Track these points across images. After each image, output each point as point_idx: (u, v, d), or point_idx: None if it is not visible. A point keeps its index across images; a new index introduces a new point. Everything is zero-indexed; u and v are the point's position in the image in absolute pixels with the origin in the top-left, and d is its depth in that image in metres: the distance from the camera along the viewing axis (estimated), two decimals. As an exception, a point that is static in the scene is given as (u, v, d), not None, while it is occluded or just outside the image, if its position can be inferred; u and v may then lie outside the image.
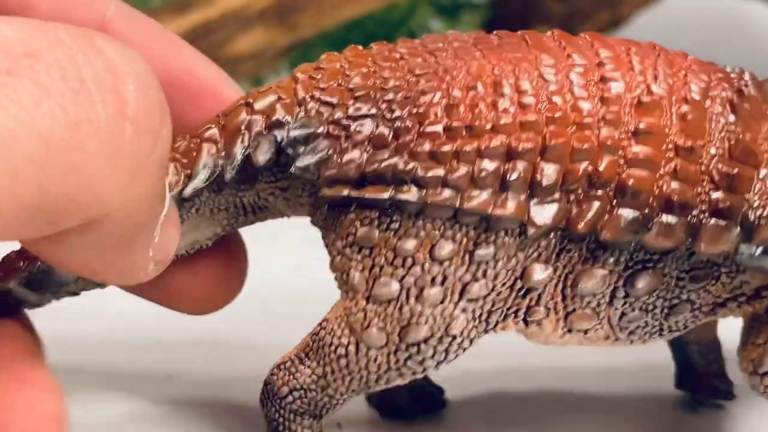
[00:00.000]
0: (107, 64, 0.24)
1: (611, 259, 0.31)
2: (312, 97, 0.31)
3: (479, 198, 0.30)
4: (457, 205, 0.30)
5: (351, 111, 0.31)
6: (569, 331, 0.32)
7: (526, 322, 0.32)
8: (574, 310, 0.32)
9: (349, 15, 0.69)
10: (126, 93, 0.24)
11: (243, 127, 0.31)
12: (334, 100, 0.31)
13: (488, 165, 0.30)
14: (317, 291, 0.36)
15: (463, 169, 0.30)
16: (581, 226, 0.30)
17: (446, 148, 0.30)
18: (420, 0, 0.82)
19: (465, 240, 0.31)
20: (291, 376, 0.32)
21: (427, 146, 0.30)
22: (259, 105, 0.31)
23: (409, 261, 0.31)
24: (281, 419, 0.32)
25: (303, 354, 0.32)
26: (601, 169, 0.30)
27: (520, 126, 0.30)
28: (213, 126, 0.32)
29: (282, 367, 0.32)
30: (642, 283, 0.31)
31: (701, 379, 0.38)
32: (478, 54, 0.32)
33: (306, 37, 0.67)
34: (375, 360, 0.31)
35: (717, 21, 0.83)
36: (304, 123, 0.31)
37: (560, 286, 0.31)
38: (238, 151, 0.31)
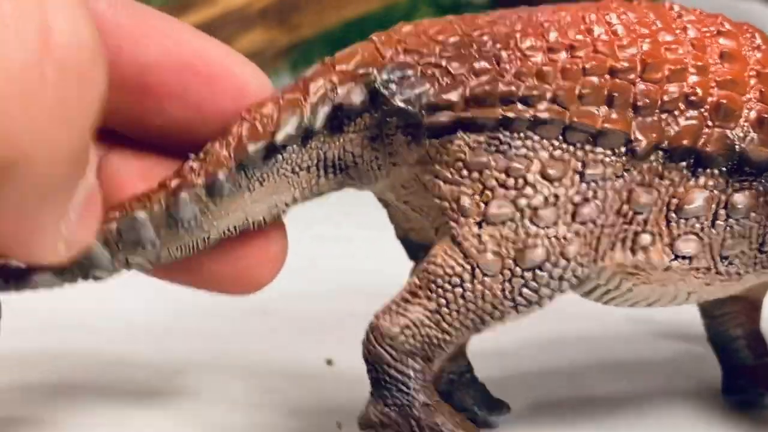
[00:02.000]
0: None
1: (711, 180, 0.31)
2: (397, 50, 0.31)
3: (587, 113, 0.31)
4: (567, 120, 0.31)
5: (443, 53, 0.31)
6: (675, 258, 0.32)
7: (633, 250, 0.31)
8: (679, 235, 0.32)
9: (349, 15, 0.69)
10: (53, 31, 0.22)
11: (328, 80, 0.31)
12: (423, 49, 0.31)
13: (594, 80, 0.31)
14: (317, 291, 0.36)
15: (569, 86, 0.31)
16: (686, 141, 0.31)
17: (550, 67, 0.31)
18: (420, 0, 0.82)
19: (573, 160, 0.31)
20: (400, 315, 0.31)
21: (531, 66, 0.31)
22: (342, 62, 0.31)
23: (521, 181, 0.30)
24: (392, 360, 0.30)
25: (409, 294, 0.31)
26: (696, 89, 0.31)
27: (618, 48, 0.31)
28: (294, 89, 0.31)
29: (387, 310, 0.31)
30: (741, 202, 0.32)
31: (753, 374, 0.37)
32: (549, 9, 0.33)
33: (306, 37, 0.67)
34: (490, 288, 0.30)
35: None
36: (396, 66, 0.31)
37: (664, 210, 0.31)
38: (327, 99, 0.31)
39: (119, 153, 0.32)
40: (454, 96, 0.31)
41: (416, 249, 0.35)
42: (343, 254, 0.49)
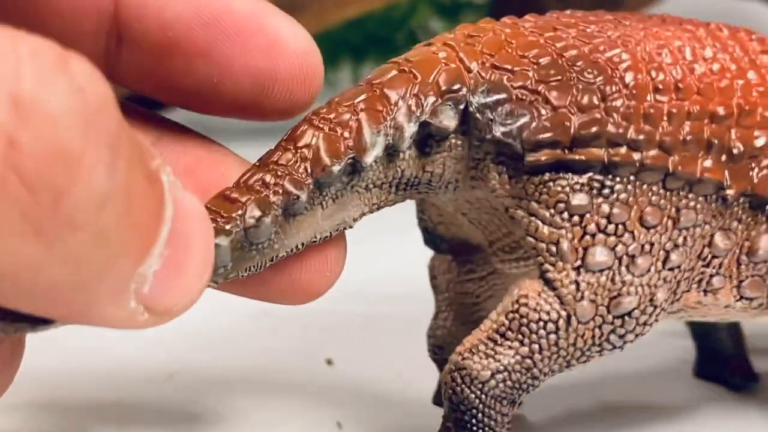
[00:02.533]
0: (13, 85, 0.19)
1: None
2: (484, 64, 0.30)
3: (689, 160, 0.30)
4: (671, 167, 0.30)
5: (539, 77, 0.30)
6: (740, 299, 0.32)
7: (705, 291, 0.32)
8: (747, 277, 0.32)
9: (349, 15, 0.69)
10: (20, 135, 0.19)
11: (411, 93, 0.29)
12: (514, 68, 0.30)
13: (697, 126, 0.31)
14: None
15: (674, 131, 0.30)
16: (746, 189, 0.31)
17: (657, 109, 0.30)
18: (420, 0, 0.82)
19: (670, 206, 0.30)
20: (491, 359, 0.30)
21: (639, 107, 0.30)
22: (422, 70, 0.30)
23: (621, 228, 0.30)
24: (481, 406, 0.30)
25: (498, 335, 0.30)
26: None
27: (719, 91, 0.31)
28: (366, 92, 0.30)
29: (475, 350, 0.30)
30: None
31: (728, 364, 0.39)
32: (638, 24, 0.32)
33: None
34: (582, 335, 0.30)
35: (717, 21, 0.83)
36: (491, 89, 0.30)
37: (736, 253, 0.32)
38: (414, 116, 0.29)
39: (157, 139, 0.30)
40: (560, 135, 0.29)
41: (439, 240, 0.34)
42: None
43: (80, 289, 0.22)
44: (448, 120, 0.29)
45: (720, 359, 0.39)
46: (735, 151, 0.31)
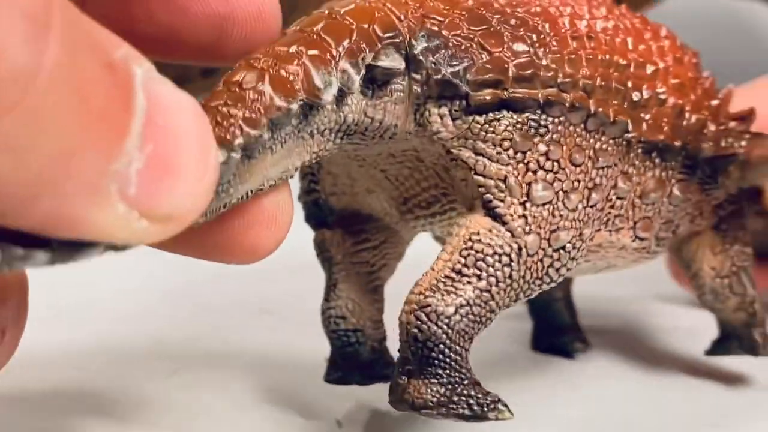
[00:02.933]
0: None
1: (665, 171, 0.34)
2: (413, 14, 0.31)
3: (604, 102, 0.32)
4: (592, 108, 0.32)
5: (467, 25, 0.31)
6: (635, 239, 0.34)
7: (610, 231, 0.34)
8: (640, 218, 0.34)
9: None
10: None
11: (353, 39, 0.30)
12: (441, 18, 0.31)
13: (608, 72, 0.33)
14: (317, 291, 0.36)
15: (591, 75, 0.32)
16: (661, 136, 0.34)
17: (578, 55, 0.32)
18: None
19: (590, 147, 0.32)
20: (453, 295, 0.30)
21: (564, 53, 0.32)
22: (356, 19, 0.30)
23: (556, 165, 0.31)
24: (449, 341, 0.30)
25: (454, 273, 0.31)
26: (662, 87, 0.34)
27: (619, 44, 0.34)
28: (311, 43, 0.29)
29: (435, 288, 0.30)
30: (679, 191, 0.35)
31: (565, 333, 0.43)
32: None
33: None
34: (530, 267, 0.31)
35: (717, 21, 0.83)
36: (430, 34, 0.31)
37: (632, 196, 0.34)
38: (360, 61, 0.30)
39: None
40: (501, 74, 0.31)
41: (328, 213, 0.35)
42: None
43: (37, 184, 0.21)
44: (395, 62, 0.30)
45: (557, 330, 0.43)
46: (634, 97, 0.33)
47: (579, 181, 0.32)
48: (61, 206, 0.21)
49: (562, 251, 0.32)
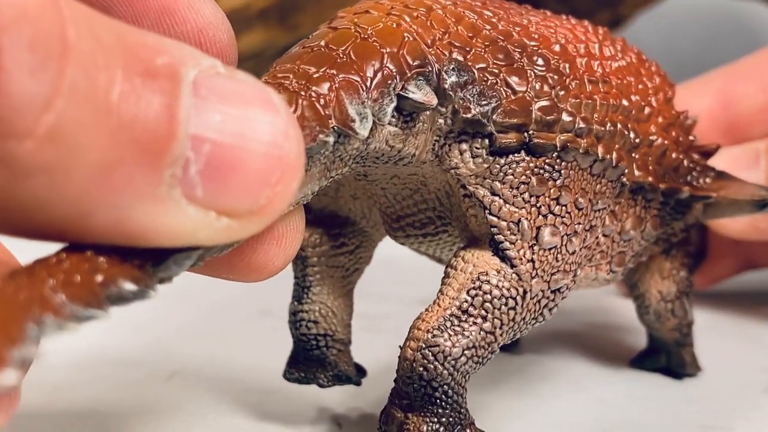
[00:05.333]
0: None
1: (641, 209, 0.35)
2: (441, 41, 0.30)
3: (610, 147, 0.33)
4: (600, 154, 0.32)
5: (493, 59, 0.31)
6: (610, 272, 0.35)
7: (592, 267, 0.34)
8: (617, 253, 0.35)
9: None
10: None
11: (385, 65, 0.29)
12: (468, 47, 0.30)
13: (615, 118, 0.33)
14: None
15: (600, 120, 0.32)
16: (649, 178, 0.34)
17: (592, 100, 0.32)
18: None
19: (591, 191, 0.33)
20: (460, 336, 0.30)
21: (580, 97, 0.32)
22: (385, 42, 0.29)
23: (564, 210, 0.32)
24: (453, 382, 0.30)
25: (461, 312, 0.31)
26: (653, 128, 0.35)
27: (624, 87, 0.34)
28: (342, 65, 0.28)
29: (443, 327, 0.31)
30: (652, 226, 0.36)
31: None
32: (524, 12, 0.34)
33: (306, 36, 0.67)
34: (530, 309, 0.32)
35: (717, 21, 0.83)
36: (459, 67, 0.30)
37: (615, 233, 0.34)
38: (392, 91, 0.28)
39: None
40: (525, 118, 0.31)
41: (305, 210, 0.34)
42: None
43: (82, 201, 0.21)
44: (427, 95, 0.29)
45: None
46: (633, 141, 0.34)
47: (580, 224, 0.32)
48: (119, 218, 0.22)
49: (557, 293, 0.32)
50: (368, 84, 0.28)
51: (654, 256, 0.39)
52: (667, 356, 0.40)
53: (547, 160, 0.31)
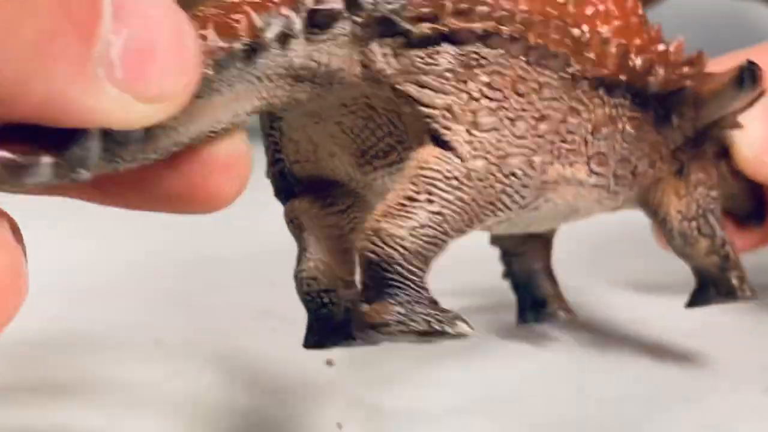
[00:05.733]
0: None
1: (615, 108, 0.35)
2: None
3: (544, 35, 0.33)
4: (532, 41, 0.33)
5: None
6: (591, 174, 0.35)
7: (564, 165, 0.34)
8: (594, 154, 0.35)
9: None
10: None
11: None
12: None
13: (546, 7, 0.33)
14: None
15: (530, 9, 0.33)
16: (606, 70, 0.34)
17: None
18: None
19: (533, 79, 0.33)
20: (405, 218, 0.31)
21: None
22: None
23: (499, 94, 0.32)
24: (403, 261, 0.31)
25: (407, 200, 0.31)
26: (604, 27, 0.35)
27: None
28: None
29: (389, 215, 0.31)
30: (632, 128, 0.36)
31: (547, 303, 0.44)
32: None
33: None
34: (480, 192, 0.32)
35: (717, 21, 0.83)
36: None
37: (583, 132, 0.35)
38: (300, 3, 0.31)
39: None
40: (438, 8, 0.32)
41: (294, 182, 0.36)
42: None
43: (27, 68, 0.23)
44: (335, 3, 0.31)
45: (541, 301, 0.44)
46: (575, 33, 0.34)
47: (525, 110, 0.32)
48: (54, 91, 0.23)
49: (513, 177, 0.32)
50: (277, 2, 0.30)
51: (667, 178, 0.38)
52: (716, 287, 0.40)
53: (471, 48, 0.32)
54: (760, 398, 0.39)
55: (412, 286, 0.31)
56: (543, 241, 0.44)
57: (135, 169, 0.29)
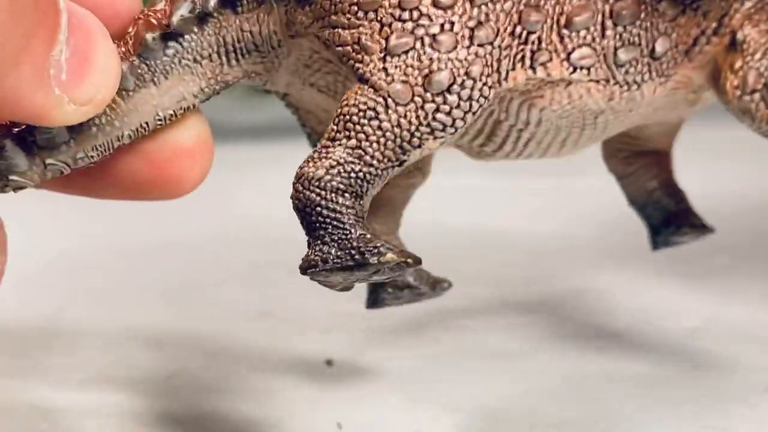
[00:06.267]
0: None
1: None
2: None
3: None
4: None
5: None
6: (574, 69, 0.33)
7: (533, 68, 0.33)
8: (573, 48, 0.33)
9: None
10: None
11: None
12: None
13: None
14: (317, 291, 0.36)
15: None
16: None
17: None
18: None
19: None
20: (323, 159, 0.31)
21: None
22: None
23: (416, 13, 0.32)
24: (324, 201, 0.31)
25: (328, 140, 0.32)
26: None
27: None
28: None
29: (310, 159, 0.31)
30: (624, 10, 0.34)
31: (677, 218, 0.41)
32: None
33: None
34: (405, 116, 0.31)
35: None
36: None
37: (555, 27, 0.33)
38: None
39: None
40: None
41: None
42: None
43: (7, 64, 0.25)
44: None
45: (665, 221, 0.41)
46: None
47: (452, 22, 0.32)
48: (15, 87, 0.26)
49: (447, 94, 0.32)
50: None
51: (721, 52, 0.35)
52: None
53: None
54: (760, 398, 0.39)
55: (336, 224, 0.31)
56: (654, 159, 0.41)
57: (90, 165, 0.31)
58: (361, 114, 0.31)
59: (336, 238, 0.31)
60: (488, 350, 0.42)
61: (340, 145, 0.31)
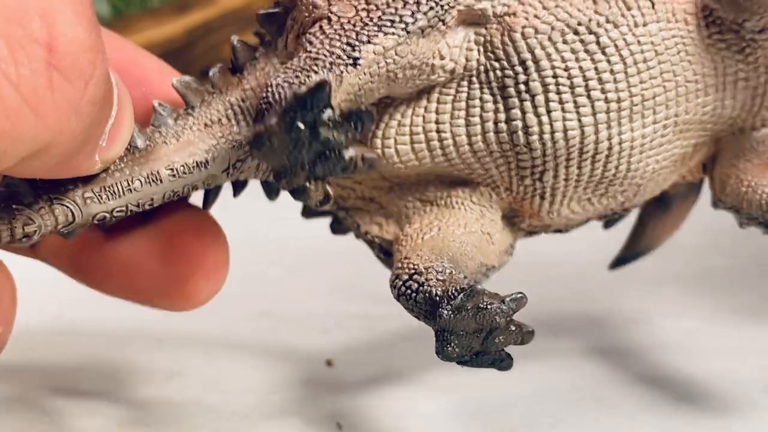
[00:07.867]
0: (41, 10, 0.25)
1: None
2: None
3: None
4: None
5: None
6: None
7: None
8: None
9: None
10: (58, 40, 0.25)
11: None
12: None
13: None
14: (317, 291, 0.36)
15: None
16: None
17: None
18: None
19: None
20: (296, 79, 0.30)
21: None
22: None
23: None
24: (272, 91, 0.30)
25: (289, 64, 0.31)
26: None
27: None
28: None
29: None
30: None
31: None
32: None
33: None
34: (349, 20, 0.31)
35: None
36: None
37: None
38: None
39: None
40: None
41: None
42: (342, 255, 0.49)
43: (84, 145, 0.28)
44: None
45: None
46: None
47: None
48: (77, 159, 0.28)
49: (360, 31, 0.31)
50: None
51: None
52: None
53: None
54: (759, 397, 0.39)
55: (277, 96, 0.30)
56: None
57: (119, 260, 0.33)
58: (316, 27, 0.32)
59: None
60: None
61: (298, 57, 0.31)
